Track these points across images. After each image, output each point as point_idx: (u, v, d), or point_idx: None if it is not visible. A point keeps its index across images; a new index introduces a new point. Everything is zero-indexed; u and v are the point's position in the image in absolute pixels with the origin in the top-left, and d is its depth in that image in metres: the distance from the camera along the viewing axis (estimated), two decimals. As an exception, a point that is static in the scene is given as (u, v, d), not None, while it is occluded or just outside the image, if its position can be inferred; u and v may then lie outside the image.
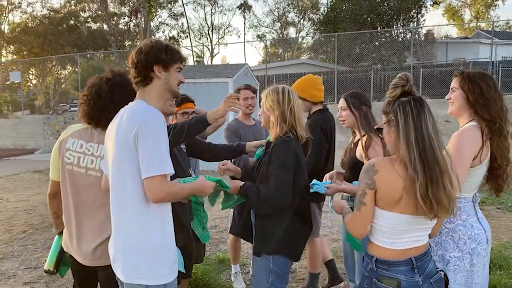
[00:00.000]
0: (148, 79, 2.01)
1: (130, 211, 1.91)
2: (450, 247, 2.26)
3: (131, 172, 1.87)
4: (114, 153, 1.93)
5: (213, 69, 12.67)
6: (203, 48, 42.95)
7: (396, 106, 1.86)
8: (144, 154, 1.83)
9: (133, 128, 1.85)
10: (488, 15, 47.52)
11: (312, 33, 35.70)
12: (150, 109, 1.94)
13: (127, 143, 1.87)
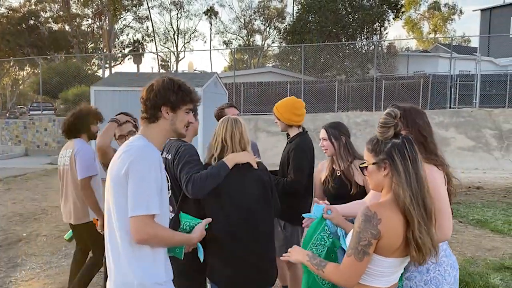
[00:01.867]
0: (155, 118, 1.99)
1: (120, 248, 1.89)
2: (439, 283, 2.24)
3: (121, 208, 1.85)
4: (109, 188, 1.92)
5: (181, 77, 12.56)
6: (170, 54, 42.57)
7: (392, 149, 1.82)
8: (132, 191, 1.81)
9: (125, 163, 1.84)
10: (445, 28, 49.60)
11: (278, 41, 36.08)
12: (146, 146, 1.92)
13: (118, 178, 1.85)
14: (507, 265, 4.94)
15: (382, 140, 1.86)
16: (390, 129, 1.84)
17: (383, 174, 1.85)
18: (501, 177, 12.37)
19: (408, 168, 1.79)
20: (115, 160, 1.93)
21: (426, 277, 2.24)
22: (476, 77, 18.14)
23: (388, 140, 1.85)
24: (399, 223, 1.77)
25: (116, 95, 11.47)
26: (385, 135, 1.85)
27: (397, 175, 1.80)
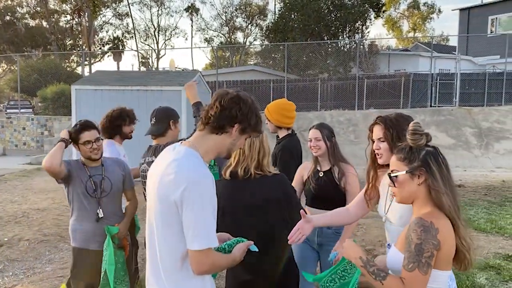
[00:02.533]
0: (221, 130, 1.84)
1: (169, 273, 1.78)
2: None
3: (170, 234, 1.74)
4: (155, 204, 1.78)
5: (164, 76, 12.46)
6: (151, 52, 42.11)
7: (427, 156, 1.80)
8: (191, 222, 1.68)
9: (178, 188, 1.68)
10: (424, 27, 50.36)
11: (260, 39, 36.06)
12: (199, 166, 1.76)
13: (167, 202, 1.71)
14: (491, 264, 5.03)
15: (415, 148, 1.83)
16: (423, 136, 1.82)
17: (417, 182, 1.81)
18: (481, 174, 12.61)
19: (444, 174, 1.78)
20: (163, 174, 1.75)
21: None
22: (456, 76, 18.45)
23: (422, 147, 1.83)
24: (451, 231, 1.75)
25: (98, 94, 11.27)
26: (418, 142, 1.82)
27: (435, 181, 1.78)
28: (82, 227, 3.13)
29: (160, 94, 11.14)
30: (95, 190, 3.10)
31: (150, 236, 1.84)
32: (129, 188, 3.35)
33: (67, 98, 17.14)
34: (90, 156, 3.10)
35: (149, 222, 1.84)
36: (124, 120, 3.91)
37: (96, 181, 3.12)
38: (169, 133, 3.24)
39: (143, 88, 11.20)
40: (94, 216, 3.12)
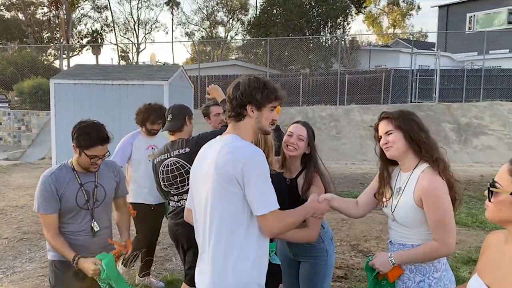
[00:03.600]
0: (241, 116, 2.03)
1: (233, 247, 1.93)
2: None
3: (234, 207, 1.91)
4: (212, 189, 1.94)
5: (146, 70, 12.26)
6: (132, 46, 41.50)
7: None
8: (257, 190, 1.88)
9: (239, 163, 1.88)
10: (404, 24, 50.92)
11: (242, 33, 35.91)
12: (250, 145, 1.99)
13: (229, 178, 1.89)
14: (474, 258, 5.10)
15: None
16: None
17: None
18: (460, 169, 12.82)
19: None
20: (218, 160, 1.93)
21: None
22: (436, 72, 18.70)
23: None
24: None
25: (78, 89, 11.04)
26: None
27: None
28: (72, 242, 2.64)
29: (142, 88, 10.97)
30: (87, 200, 2.67)
31: (203, 220, 2.00)
32: (121, 195, 2.97)
33: (45, 92, 16.76)
34: (88, 168, 2.67)
35: (200, 207, 2.02)
36: (147, 116, 4.05)
37: (88, 189, 2.68)
38: (185, 128, 3.32)
39: (124, 83, 11.01)
40: (87, 230, 2.69)
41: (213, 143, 2.08)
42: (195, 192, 2.10)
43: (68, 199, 2.61)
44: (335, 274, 4.65)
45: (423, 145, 2.18)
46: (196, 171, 2.10)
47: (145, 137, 4.14)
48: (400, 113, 2.25)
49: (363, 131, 15.86)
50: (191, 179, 2.15)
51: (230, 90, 2.06)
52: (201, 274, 2.04)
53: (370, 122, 16.49)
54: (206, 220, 1.98)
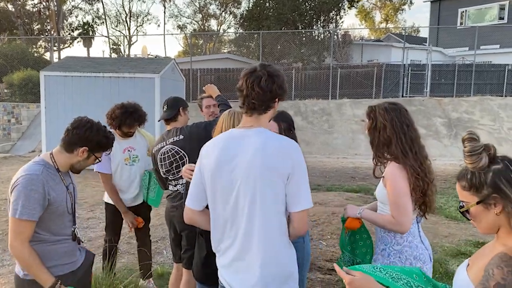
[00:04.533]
0: (268, 109, 2.01)
1: (274, 242, 1.95)
2: None
3: (280, 202, 1.92)
4: (257, 185, 1.90)
5: (137, 63, 12.18)
6: (123, 39, 41.15)
7: (496, 178, 1.44)
8: (300, 186, 1.91)
9: (288, 158, 1.90)
10: (396, 18, 51.02)
11: (235, 27, 35.76)
12: (292, 140, 2.00)
13: (278, 174, 1.88)
14: (463, 251, 5.16)
15: (478, 171, 1.48)
16: (482, 154, 1.47)
17: (495, 212, 1.46)
18: (450, 163, 12.92)
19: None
20: (264, 153, 1.89)
21: (387, 261, 2.40)
22: (427, 67, 18.77)
23: (486, 168, 1.47)
24: None
25: (69, 81, 10.94)
26: (480, 164, 1.47)
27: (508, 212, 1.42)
28: (56, 250, 2.35)
29: (133, 81, 10.91)
30: (72, 204, 2.44)
31: (237, 213, 1.96)
32: None
33: (35, 84, 16.58)
34: (79, 170, 2.49)
35: (231, 208, 1.97)
36: (124, 119, 3.81)
37: (71, 191, 2.44)
38: (180, 118, 3.43)
39: (115, 75, 10.94)
40: (70, 236, 2.44)
41: (238, 138, 1.98)
42: (220, 192, 1.98)
43: (60, 203, 2.33)
44: (325, 267, 4.68)
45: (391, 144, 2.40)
46: (221, 171, 1.97)
47: (120, 140, 3.88)
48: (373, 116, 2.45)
49: (355, 126, 15.91)
50: (210, 180, 2.01)
51: (263, 82, 1.94)
52: (239, 273, 1.99)
53: (361, 117, 16.54)
54: (246, 217, 1.93)
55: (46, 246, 2.31)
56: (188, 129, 3.29)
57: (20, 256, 2.20)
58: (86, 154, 2.40)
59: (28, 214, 2.17)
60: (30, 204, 2.17)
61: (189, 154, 3.21)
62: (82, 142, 2.37)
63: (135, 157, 3.95)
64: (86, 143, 2.37)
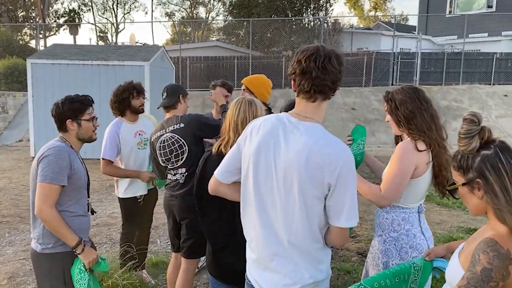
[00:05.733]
0: (328, 96, 1.76)
1: (307, 253, 1.78)
2: (393, 255, 2.35)
3: (312, 205, 1.71)
4: (298, 183, 1.69)
5: (126, 51, 12.00)
6: (110, 26, 40.55)
7: (482, 164, 1.48)
8: (347, 200, 1.68)
9: (336, 166, 1.65)
10: (385, 6, 51.01)
11: (223, 14, 35.43)
12: (341, 142, 1.75)
13: (322, 181, 1.67)
14: (455, 238, 5.20)
15: (467, 154, 1.52)
16: (474, 138, 1.50)
17: (478, 196, 1.51)
18: (439, 151, 13.03)
19: (507, 185, 1.44)
20: (311, 151, 1.67)
21: (382, 247, 2.39)
22: (417, 55, 18.81)
23: (476, 153, 1.51)
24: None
25: (56, 69, 10.74)
26: (469, 148, 1.51)
27: (494, 197, 1.45)
28: (75, 224, 2.50)
29: (122, 69, 10.76)
30: (87, 179, 2.68)
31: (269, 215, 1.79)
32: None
33: (21, 72, 16.28)
34: (92, 136, 2.68)
35: (267, 202, 1.79)
36: (131, 93, 3.81)
37: (85, 167, 2.67)
38: (180, 106, 3.38)
39: (104, 63, 10.77)
40: (86, 210, 2.64)
41: (287, 128, 1.76)
42: (258, 177, 1.79)
43: (80, 176, 2.54)
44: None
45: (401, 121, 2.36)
46: (259, 158, 1.78)
47: (130, 124, 3.85)
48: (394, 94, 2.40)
49: (345, 114, 15.92)
50: (250, 164, 1.81)
51: (330, 60, 1.68)
52: (270, 270, 1.84)
53: (352, 105, 16.56)
54: (284, 211, 1.75)
55: (69, 219, 2.48)
56: (189, 118, 3.22)
57: (48, 219, 2.38)
58: (75, 123, 2.58)
59: (58, 180, 2.39)
60: (58, 170, 2.39)
61: (189, 143, 3.17)
62: (63, 118, 2.58)
63: (146, 140, 3.88)
64: (66, 117, 2.57)
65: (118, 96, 3.79)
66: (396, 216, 2.37)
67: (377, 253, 2.42)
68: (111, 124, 3.83)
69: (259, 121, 1.86)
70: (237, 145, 1.92)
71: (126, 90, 3.79)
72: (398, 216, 2.37)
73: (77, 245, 2.43)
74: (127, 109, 3.83)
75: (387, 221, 2.40)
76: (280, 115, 1.83)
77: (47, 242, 2.48)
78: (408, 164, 2.25)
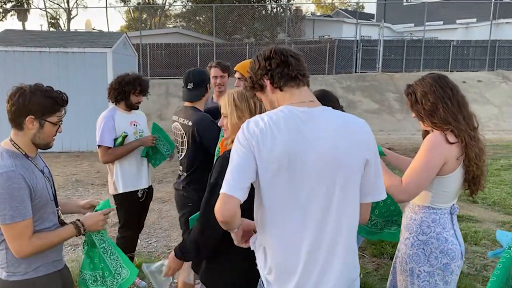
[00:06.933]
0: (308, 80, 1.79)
1: (351, 239, 1.70)
2: (420, 261, 2.17)
3: (355, 197, 1.68)
4: (340, 169, 1.61)
5: (87, 37, 11.39)
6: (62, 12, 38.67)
7: None
8: (379, 173, 1.71)
9: (370, 140, 1.68)
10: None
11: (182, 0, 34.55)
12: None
13: (362, 159, 1.65)
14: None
15: None
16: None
17: None
18: (404, 137, 13.29)
19: None
20: (348, 143, 1.62)
21: (409, 251, 2.21)
22: (380, 43, 19.07)
23: None
24: None
25: (10, 56, 10.02)
26: None
27: None
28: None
29: (83, 56, 10.19)
30: (52, 189, 2.15)
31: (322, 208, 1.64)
32: None
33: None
34: (50, 142, 2.12)
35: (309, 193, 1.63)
36: (134, 88, 3.55)
37: (47, 175, 2.14)
38: (203, 98, 3.17)
39: (63, 50, 10.16)
40: (56, 222, 2.16)
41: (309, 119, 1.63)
42: (292, 183, 1.62)
43: (42, 192, 2.02)
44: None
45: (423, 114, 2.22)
46: (293, 160, 1.60)
47: (124, 113, 3.60)
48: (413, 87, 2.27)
49: (311, 101, 15.91)
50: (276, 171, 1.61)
51: (295, 53, 1.75)
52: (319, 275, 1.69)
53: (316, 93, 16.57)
54: (328, 213, 1.63)
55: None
56: (199, 121, 2.98)
57: (34, 250, 1.98)
58: (37, 123, 2.01)
59: (21, 215, 1.90)
60: (19, 204, 1.89)
61: (188, 141, 3.04)
62: (22, 112, 1.98)
63: (141, 131, 3.68)
64: (27, 111, 1.98)
65: (121, 86, 3.53)
66: (425, 217, 2.18)
67: (404, 257, 2.23)
68: (106, 111, 3.59)
69: (264, 119, 1.64)
70: (244, 152, 1.62)
71: (131, 84, 3.53)
72: (427, 217, 2.18)
73: (77, 229, 2.09)
74: (123, 100, 3.59)
75: (415, 222, 2.21)
76: (283, 109, 1.68)
77: (14, 270, 2.01)
78: (436, 157, 2.07)
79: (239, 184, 1.58)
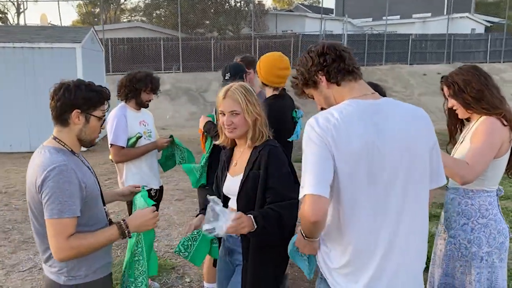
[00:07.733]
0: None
1: (425, 226, 1.72)
2: (482, 243, 2.25)
3: (426, 182, 1.68)
4: (408, 162, 1.62)
5: (53, 32, 10.87)
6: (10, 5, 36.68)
7: None
8: (439, 161, 1.72)
9: (430, 124, 1.70)
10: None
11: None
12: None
13: (428, 140, 1.67)
14: (433, 214, 5.36)
15: None
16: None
17: None
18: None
19: None
20: (416, 128, 1.65)
21: (470, 236, 2.27)
22: (343, 37, 19.40)
23: None
24: None
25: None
26: None
27: None
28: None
29: (51, 52, 9.70)
30: (98, 183, 2.09)
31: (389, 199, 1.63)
32: None
33: None
34: (94, 138, 2.07)
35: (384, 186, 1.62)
36: (146, 86, 3.44)
37: (92, 171, 2.09)
38: None
39: (28, 45, 9.64)
40: (105, 218, 2.10)
41: (379, 111, 1.63)
42: (367, 178, 1.60)
43: (93, 188, 1.97)
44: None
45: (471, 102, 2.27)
46: (370, 153, 1.59)
47: (134, 112, 3.50)
48: (454, 77, 2.32)
49: (280, 96, 15.98)
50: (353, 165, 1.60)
51: (341, 46, 1.76)
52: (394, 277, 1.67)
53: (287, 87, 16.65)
54: (401, 203, 1.63)
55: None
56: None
57: (73, 253, 1.86)
58: (83, 118, 1.97)
59: (70, 211, 1.82)
60: (68, 199, 1.82)
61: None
62: (68, 106, 1.94)
63: (150, 132, 3.54)
64: (73, 106, 1.94)
65: (132, 83, 3.42)
66: (482, 201, 2.26)
67: (464, 243, 2.28)
68: (117, 109, 3.46)
69: (334, 115, 1.63)
70: (320, 150, 1.59)
71: (142, 82, 3.42)
72: (484, 200, 2.26)
73: (121, 230, 1.95)
74: (133, 98, 3.48)
75: (473, 207, 2.26)
76: (350, 103, 1.67)
77: (75, 274, 1.95)
78: (497, 139, 2.17)
79: (323, 182, 1.55)
